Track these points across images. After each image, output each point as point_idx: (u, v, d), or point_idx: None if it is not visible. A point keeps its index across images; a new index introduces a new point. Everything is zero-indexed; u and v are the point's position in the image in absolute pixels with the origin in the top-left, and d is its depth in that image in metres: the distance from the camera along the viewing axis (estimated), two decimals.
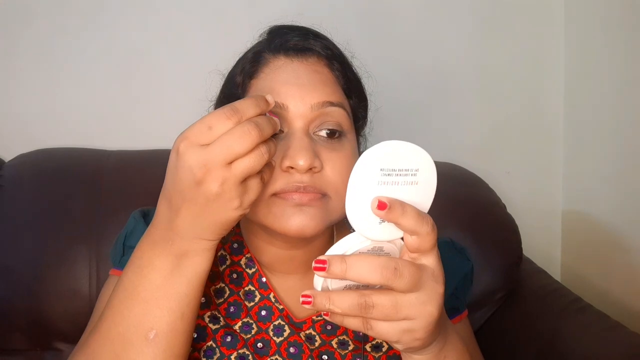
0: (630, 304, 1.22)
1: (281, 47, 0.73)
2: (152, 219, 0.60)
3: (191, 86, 1.29)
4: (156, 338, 0.58)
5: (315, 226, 0.65)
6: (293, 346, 0.73)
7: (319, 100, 0.69)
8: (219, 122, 0.53)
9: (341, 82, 0.74)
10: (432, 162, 0.53)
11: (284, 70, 0.71)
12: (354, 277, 0.51)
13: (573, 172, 1.45)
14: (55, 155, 1.17)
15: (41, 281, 1.03)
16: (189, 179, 0.54)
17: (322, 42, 0.75)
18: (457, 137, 1.44)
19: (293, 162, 0.64)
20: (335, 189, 0.68)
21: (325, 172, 0.67)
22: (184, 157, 0.53)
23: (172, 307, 0.59)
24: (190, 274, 0.59)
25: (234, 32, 1.29)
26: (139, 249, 0.60)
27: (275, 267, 0.77)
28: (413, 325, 0.53)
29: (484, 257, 1.14)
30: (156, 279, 0.58)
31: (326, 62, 0.73)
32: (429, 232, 0.52)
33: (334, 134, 0.70)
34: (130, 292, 0.59)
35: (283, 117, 0.68)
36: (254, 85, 0.71)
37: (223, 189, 0.54)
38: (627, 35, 1.24)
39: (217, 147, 0.53)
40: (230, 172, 0.53)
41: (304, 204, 0.65)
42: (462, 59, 1.44)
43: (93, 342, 0.60)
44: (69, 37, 1.26)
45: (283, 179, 0.65)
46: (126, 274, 0.61)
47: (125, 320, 0.59)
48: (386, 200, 0.50)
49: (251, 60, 0.73)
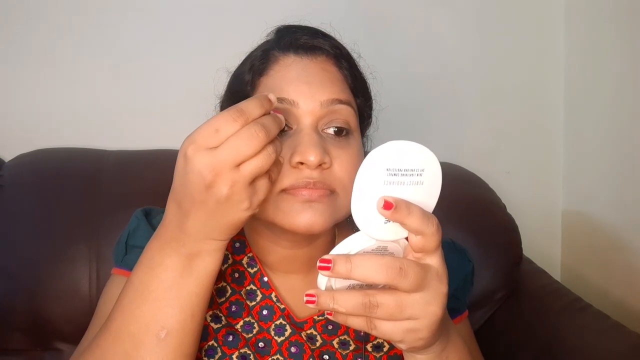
0: (630, 304, 1.22)
1: (291, 45, 0.73)
2: (159, 219, 0.60)
3: (191, 86, 1.30)
4: (167, 337, 0.59)
5: (323, 222, 0.65)
6: (294, 346, 0.73)
7: (328, 97, 0.69)
8: (225, 124, 0.54)
9: (349, 81, 0.74)
10: (438, 162, 0.53)
11: (294, 67, 0.71)
12: (358, 276, 0.51)
13: (573, 172, 1.45)
14: (55, 155, 1.17)
15: (41, 281, 1.03)
16: (199, 182, 0.54)
17: (330, 41, 0.75)
18: (457, 137, 1.44)
19: (304, 158, 0.65)
20: (342, 186, 0.68)
21: (333, 169, 0.67)
22: (193, 161, 0.54)
23: (182, 306, 0.59)
24: (201, 273, 0.60)
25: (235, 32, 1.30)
26: (148, 250, 0.61)
27: (278, 267, 0.77)
28: (417, 325, 0.53)
29: (484, 257, 1.14)
30: (167, 279, 0.59)
31: (334, 61, 0.74)
32: (434, 232, 0.52)
33: (341, 131, 0.70)
34: (141, 291, 0.59)
35: (293, 113, 0.68)
36: (263, 83, 0.71)
37: (233, 191, 0.54)
38: (628, 36, 1.24)
39: (225, 150, 0.53)
40: (239, 174, 0.54)
41: (313, 200, 0.65)
42: (462, 60, 1.44)
43: (103, 341, 0.60)
44: (69, 37, 1.26)
45: (292, 175, 0.65)
46: (136, 273, 0.61)
47: (137, 320, 0.59)
48: (392, 200, 0.51)
49: (260, 57, 0.73)
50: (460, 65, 1.44)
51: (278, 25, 0.79)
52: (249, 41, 0.80)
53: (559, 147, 1.49)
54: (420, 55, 1.41)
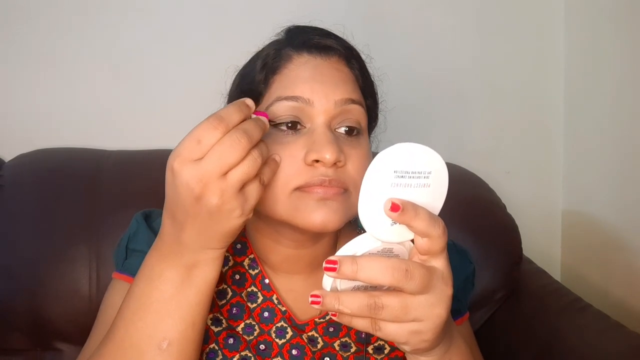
0: (630, 304, 1.22)
1: (304, 44, 0.73)
2: (159, 221, 0.61)
3: (191, 86, 1.30)
4: (169, 347, 0.59)
5: (338, 220, 0.65)
6: (295, 348, 0.73)
7: (342, 97, 0.69)
8: (206, 133, 0.54)
9: (359, 82, 0.75)
10: (445, 165, 0.54)
11: (308, 66, 0.71)
12: (365, 278, 0.51)
13: (573, 172, 1.45)
14: (55, 155, 1.16)
15: (41, 281, 1.03)
16: (189, 195, 0.55)
17: (342, 42, 0.75)
18: (457, 137, 1.45)
19: (320, 156, 0.65)
20: (354, 185, 0.67)
21: (347, 167, 0.67)
22: (180, 175, 0.54)
23: (183, 316, 0.60)
24: (200, 283, 0.61)
25: (235, 32, 1.30)
26: (148, 262, 0.62)
27: (281, 267, 0.77)
28: (421, 327, 0.53)
29: (484, 257, 1.14)
30: (167, 290, 0.60)
31: (346, 62, 0.74)
32: (440, 235, 0.53)
33: (352, 131, 0.70)
34: (142, 302, 0.60)
35: (307, 112, 0.68)
36: (277, 81, 0.71)
37: (223, 201, 0.55)
38: (628, 36, 1.24)
39: (210, 160, 0.54)
40: (226, 183, 0.55)
41: (328, 198, 0.65)
42: (462, 60, 1.44)
43: (106, 352, 0.61)
44: (69, 37, 1.26)
45: (307, 173, 0.65)
46: (137, 284, 0.61)
47: (139, 331, 0.60)
48: (399, 202, 0.51)
49: (274, 56, 0.73)
50: (460, 65, 1.44)
51: (284, 25, 0.78)
52: (249, 41, 0.80)
53: (559, 147, 1.49)
54: (419, 56, 1.41)
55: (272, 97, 0.69)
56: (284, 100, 0.68)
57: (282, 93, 0.69)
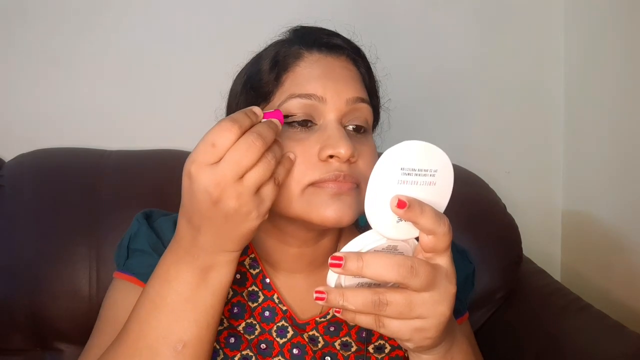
0: (630, 304, 1.22)
1: (314, 42, 0.74)
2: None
3: (191, 86, 1.30)
4: (184, 349, 0.60)
5: (352, 215, 0.66)
6: (296, 347, 0.73)
7: (353, 95, 0.70)
8: (220, 137, 0.55)
9: (366, 81, 0.76)
10: (450, 163, 0.54)
11: (320, 64, 0.71)
12: (370, 274, 0.52)
13: (573, 172, 1.46)
14: (55, 155, 1.16)
15: (41, 281, 1.03)
16: (206, 199, 0.55)
17: (349, 42, 0.76)
18: (457, 137, 1.45)
19: (335, 151, 0.65)
20: (365, 181, 0.68)
21: (358, 163, 0.68)
22: (198, 180, 0.55)
23: (198, 318, 0.60)
24: (216, 285, 0.61)
25: (236, 33, 1.30)
26: (163, 263, 0.62)
27: (283, 266, 0.77)
28: (425, 324, 0.54)
29: (484, 257, 1.14)
30: (184, 292, 0.60)
31: (353, 61, 0.75)
32: (445, 232, 0.53)
33: (360, 129, 0.71)
34: (157, 303, 0.60)
35: (319, 109, 0.69)
36: (290, 78, 0.71)
37: (240, 204, 0.56)
38: (627, 36, 1.24)
39: (226, 164, 0.55)
40: (243, 186, 0.55)
41: (342, 192, 0.66)
42: (462, 60, 1.44)
43: (121, 353, 0.61)
44: (68, 37, 1.26)
45: (321, 168, 0.66)
46: (152, 286, 0.61)
47: (154, 332, 0.60)
48: (406, 200, 0.52)
49: (284, 54, 0.73)
50: (460, 65, 1.44)
51: (286, 26, 0.79)
52: (250, 41, 0.80)
53: (559, 147, 1.49)
54: (419, 56, 1.42)
55: (285, 94, 0.69)
56: (297, 97, 0.68)
57: (295, 90, 0.69)
